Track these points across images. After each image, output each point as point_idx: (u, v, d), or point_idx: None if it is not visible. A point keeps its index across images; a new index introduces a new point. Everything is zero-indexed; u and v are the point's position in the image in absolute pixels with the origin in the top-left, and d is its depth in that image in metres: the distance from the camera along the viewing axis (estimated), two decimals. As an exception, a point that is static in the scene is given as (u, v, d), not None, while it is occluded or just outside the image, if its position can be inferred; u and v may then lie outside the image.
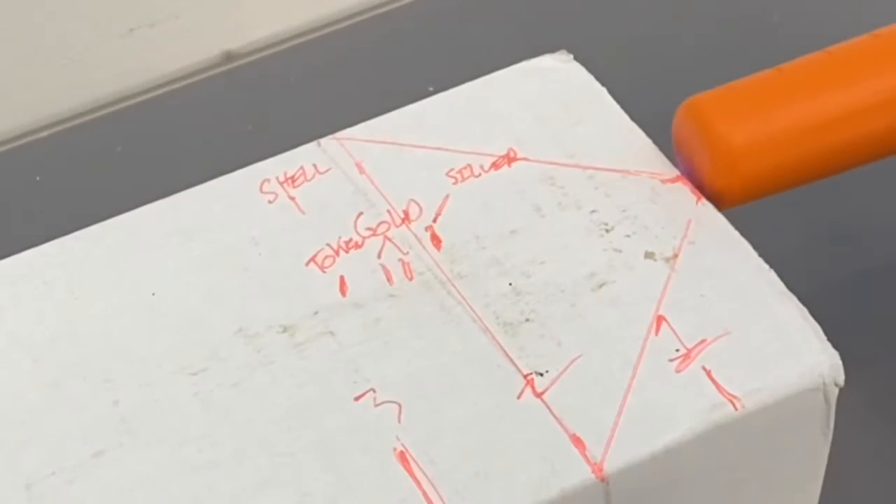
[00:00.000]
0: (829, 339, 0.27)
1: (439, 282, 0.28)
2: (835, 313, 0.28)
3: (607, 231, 0.29)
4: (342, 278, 0.29)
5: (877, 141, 0.30)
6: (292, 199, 0.30)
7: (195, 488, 0.25)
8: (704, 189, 0.30)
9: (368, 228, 0.30)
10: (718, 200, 0.29)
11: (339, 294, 0.28)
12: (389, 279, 0.29)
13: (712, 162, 0.29)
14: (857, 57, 0.30)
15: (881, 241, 0.40)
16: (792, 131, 0.29)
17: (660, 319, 0.27)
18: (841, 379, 0.26)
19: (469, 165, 0.31)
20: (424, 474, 0.25)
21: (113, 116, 0.48)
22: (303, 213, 0.30)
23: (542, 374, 0.26)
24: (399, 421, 0.26)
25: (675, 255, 0.28)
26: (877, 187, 0.41)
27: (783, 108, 0.30)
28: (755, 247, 0.28)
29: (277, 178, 0.31)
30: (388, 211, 0.30)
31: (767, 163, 0.29)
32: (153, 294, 0.29)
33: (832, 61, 0.30)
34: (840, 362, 0.26)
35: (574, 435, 0.25)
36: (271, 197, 0.31)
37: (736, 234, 0.29)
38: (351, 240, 0.29)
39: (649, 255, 0.28)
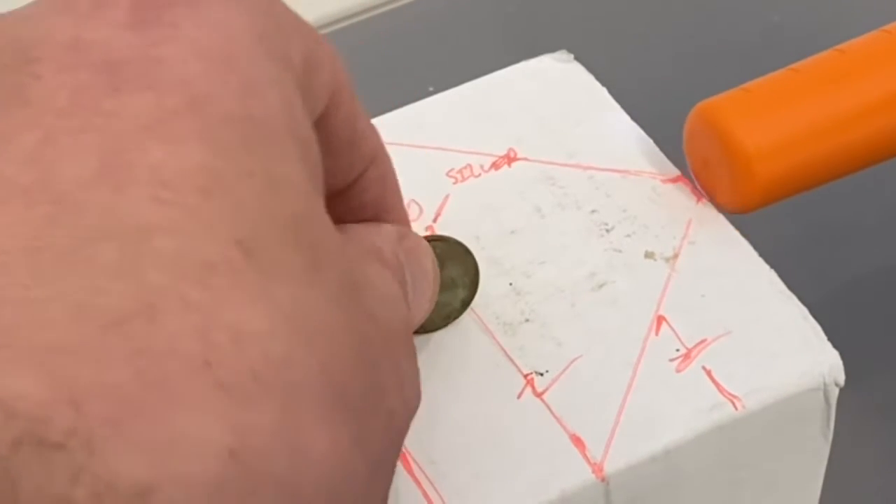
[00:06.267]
0: (829, 340, 0.27)
1: (439, 282, 0.28)
2: (835, 313, 0.28)
3: (607, 231, 0.29)
4: (342, 278, 0.29)
5: (893, 137, 0.30)
6: (292, 198, 0.30)
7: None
8: (721, 193, 0.29)
9: (368, 228, 0.30)
10: (737, 205, 0.29)
11: (339, 294, 0.28)
12: (389, 279, 0.28)
13: (730, 167, 0.29)
14: (870, 54, 0.30)
15: (881, 240, 0.40)
16: (809, 132, 0.29)
17: (660, 319, 0.27)
18: (841, 379, 0.26)
19: (469, 165, 0.31)
20: (424, 474, 0.25)
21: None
22: (303, 212, 0.30)
23: (542, 374, 0.26)
24: (399, 421, 0.26)
25: (676, 255, 0.28)
26: (877, 187, 0.41)
27: (799, 109, 0.29)
28: (755, 247, 0.28)
29: (277, 178, 0.31)
30: (388, 211, 0.30)
31: (786, 165, 0.29)
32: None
33: (845, 59, 0.30)
34: (840, 362, 0.26)
35: (574, 435, 0.25)
36: (271, 197, 0.31)
37: (736, 234, 0.29)
38: (351, 240, 0.29)
39: (649, 255, 0.28)
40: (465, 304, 0.27)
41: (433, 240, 0.26)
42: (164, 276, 0.16)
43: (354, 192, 0.24)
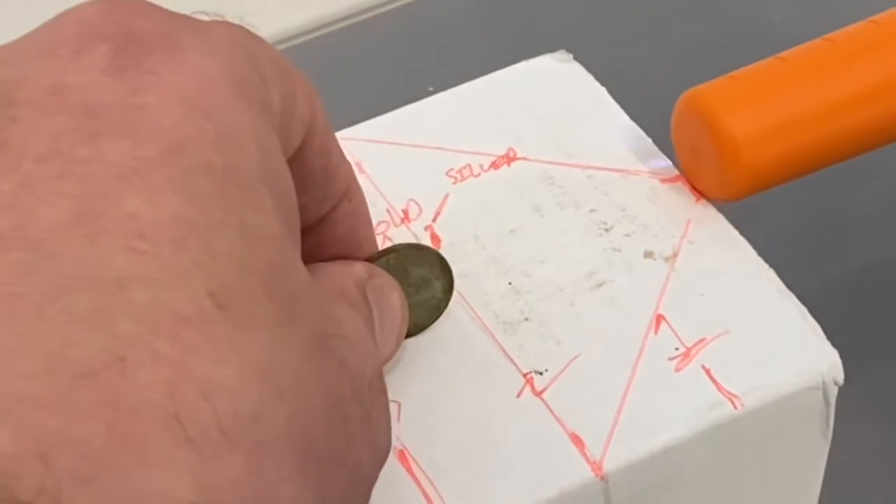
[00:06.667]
0: (829, 339, 0.27)
1: (439, 281, 0.28)
2: (835, 313, 0.28)
3: (606, 230, 0.29)
4: (342, 278, 0.29)
5: (880, 126, 0.30)
6: (292, 198, 0.30)
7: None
8: (708, 181, 0.29)
9: (368, 228, 0.30)
10: (725, 194, 0.29)
11: (338, 293, 0.28)
12: (389, 278, 0.29)
13: (717, 154, 0.29)
14: (857, 43, 0.30)
15: (881, 240, 0.40)
16: (796, 119, 0.29)
17: (659, 318, 0.27)
18: (840, 377, 0.26)
19: (468, 165, 0.31)
20: (424, 473, 0.25)
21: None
22: (303, 212, 0.30)
23: (541, 373, 0.26)
24: (399, 420, 0.26)
25: (675, 255, 0.28)
26: (877, 187, 0.41)
27: (786, 97, 0.29)
28: (754, 245, 0.28)
29: (277, 178, 0.31)
30: (388, 210, 0.30)
31: (773, 152, 0.29)
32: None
33: (833, 48, 0.30)
34: (839, 361, 0.26)
35: (573, 434, 0.25)
36: (271, 197, 0.31)
37: (735, 233, 0.29)
38: (351, 239, 0.29)
39: (648, 255, 0.28)
40: (448, 290, 0.27)
41: (383, 255, 0.26)
42: (136, 327, 0.16)
43: (327, 225, 0.24)
